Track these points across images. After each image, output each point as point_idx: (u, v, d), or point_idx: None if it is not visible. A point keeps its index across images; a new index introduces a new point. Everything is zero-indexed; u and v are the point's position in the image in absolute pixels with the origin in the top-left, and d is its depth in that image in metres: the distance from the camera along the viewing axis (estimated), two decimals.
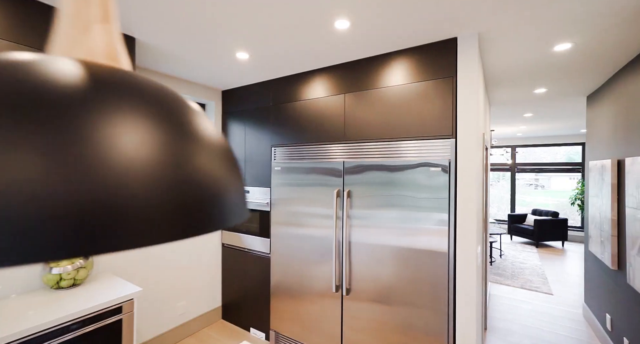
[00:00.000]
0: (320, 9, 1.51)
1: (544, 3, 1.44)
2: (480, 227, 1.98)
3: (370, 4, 1.46)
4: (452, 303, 1.77)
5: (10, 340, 1.31)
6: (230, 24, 1.67)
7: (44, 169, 0.21)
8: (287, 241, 2.47)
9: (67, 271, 1.75)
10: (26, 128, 0.21)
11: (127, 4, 1.49)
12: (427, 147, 1.86)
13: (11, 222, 0.20)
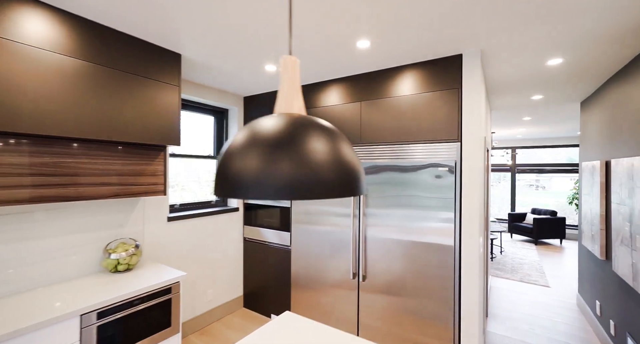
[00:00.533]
0: (345, 32, 1.78)
1: (536, 26, 1.70)
2: (482, 223, 2.24)
3: (389, 27, 1.73)
4: (458, 290, 2.03)
5: (92, 309, 1.58)
6: (264, 43, 1.94)
7: (291, 168, 0.48)
8: (306, 234, 2.73)
9: (123, 257, 2.02)
10: (280, 151, 0.48)
11: (177, 28, 1.76)
12: (435, 149, 2.12)
13: (284, 187, 0.46)
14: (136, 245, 2.13)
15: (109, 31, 1.75)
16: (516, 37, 1.82)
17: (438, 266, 2.09)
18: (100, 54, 1.72)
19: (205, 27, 1.74)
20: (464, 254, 2.02)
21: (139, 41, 1.90)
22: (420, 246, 2.15)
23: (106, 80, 1.75)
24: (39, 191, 1.58)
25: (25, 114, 1.44)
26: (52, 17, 1.54)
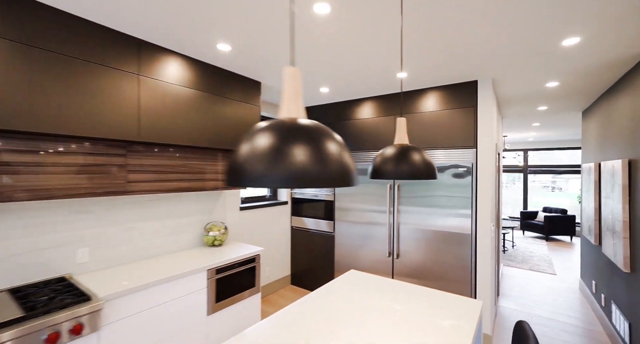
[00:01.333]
0: (387, 65, 2.40)
1: (534, 61, 2.28)
2: (494, 215, 2.82)
3: (421, 63, 2.34)
4: (474, 265, 2.61)
5: (213, 267, 2.25)
6: (322, 72, 2.58)
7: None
8: (348, 224, 3.36)
9: (217, 235, 2.70)
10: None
11: (258, 65, 2.42)
12: (455, 154, 2.71)
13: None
14: (225, 227, 2.81)
15: (214, 68, 2.44)
16: (517, 69, 2.40)
17: (457, 248, 2.68)
18: (208, 85, 2.40)
19: (279, 65, 2.40)
20: (479, 239, 2.60)
21: (234, 74, 2.58)
22: (443, 233, 2.75)
23: (211, 104, 2.43)
24: (164, 184, 2.27)
25: (162, 129, 2.13)
26: (180, 61, 2.23)
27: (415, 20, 1.66)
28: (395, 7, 1.53)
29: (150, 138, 2.04)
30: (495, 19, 1.63)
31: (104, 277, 1.94)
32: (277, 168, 0.64)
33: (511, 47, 1.98)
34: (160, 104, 2.10)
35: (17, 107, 1.49)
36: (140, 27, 1.82)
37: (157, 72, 2.07)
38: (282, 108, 0.78)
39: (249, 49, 2.11)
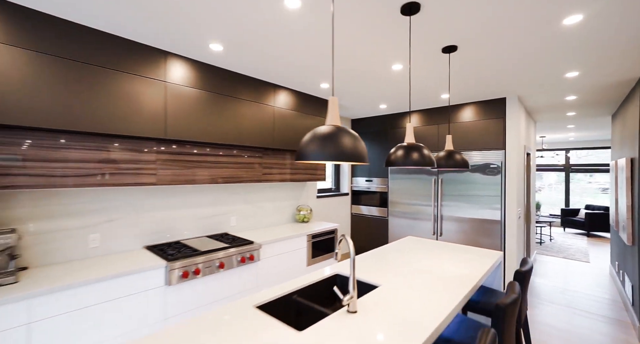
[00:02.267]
0: (436, 90, 3.27)
1: (548, 85, 3.01)
2: (520, 204, 3.54)
3: (459, 86, 3.18)
4: (503, 242, 3.37)
5: (310, 233, 3.30)
6: (383, 97, 3.51)
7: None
8: (399, 213, 4.25)
9: (305, 214, 3.75)
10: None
11: (340, 94, 3.41)
12: (487, 154, 3.49)
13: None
14: (310, 209, 3.86)
15: (299, 93, 3.49)
16: (537, 89, 3.13)
17: (489, 230, 3.45)
18: (301, 105, 3.46)
19: (350, 87, 3.37)
20: (507, 224, 3.36)
21: (295, 91, 3.62)
22: (478, 220, 3.53)
23: (300, 120, 3.48)
24: (277, 176, 3.35)
25: (281, 140, 3.21)
26: (189, 65, 3.31)
27: (458, 59, 2.54)
28: (444, 56, 2.43)
29: (280, 145, 3.14)
30: (518, 56, 2.45)
31: (249, 234, 3.07)
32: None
33: (529, 74, 2.76)
34: (176, 104, 3.19)
35: (77, 112, 2.63)
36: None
37: (168, 75, 3.16)
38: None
39: (318, 72, 3.12)
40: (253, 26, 1.87)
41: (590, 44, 2.04)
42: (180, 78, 2.36)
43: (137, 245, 2.47)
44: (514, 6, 1.58)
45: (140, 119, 2.13)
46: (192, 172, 2.56)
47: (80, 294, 1.76)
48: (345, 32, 1.93)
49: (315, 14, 1.71)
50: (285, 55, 2.36)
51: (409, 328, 1.26)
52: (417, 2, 1.57)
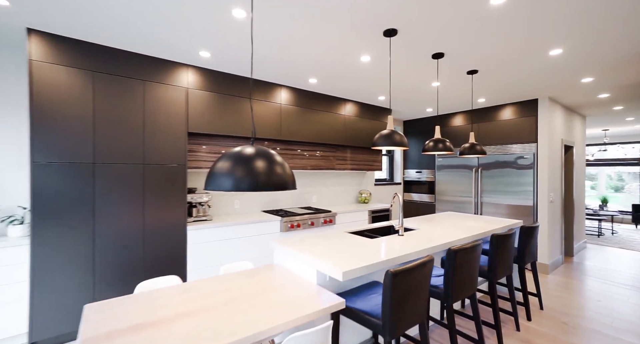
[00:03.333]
0: (469, 95, 4.06)
1: (583, 82, 3.58)
2: (553, 189, 4.09)
3: (496, 89, 3.92)
4: (535, 221, 4.00)
5: (374, 209, 4.37)
6: (432, 101, 4.39)
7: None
8: (446, 198, 5.05)
9: (366, 196, 4.83)
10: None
11: (387, 100, 4.39)
12: (522, 147, 4.13)
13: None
14: (370, 193, 4.93)
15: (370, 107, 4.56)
16: (566, 91, 3.71)
17: (523, 214, 4.09)
18: (369, 113, 4.54)
19: (401, 97, 4.33)
20: (539, 212, 3.97)
21: (359, 102, 4.67)
22: (512, 205, 4.19)
23: (365, 122, 4.56)
24: (343, 165, 4.48)
25: (351, 139, 4.33)
26: (292, 91, 4.42)
27: (480, 79, 3.36)
28: (468, 76, 3.29)
29: (348, 143, 4.28)
30: (542, 68, 3.19)
31: (326, 208, 4.27)
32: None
33: (554, 80, 3.42)
34: (272, 115, 4.33)
35: (211, 121, 3.87)
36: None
37: (271, 96, 4.30)
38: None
39: (397, 95, 4.14)
40: (339, 70, 3.02)
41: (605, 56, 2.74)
42: (286, 100, 3.65)
43: (258, 209, 3.85)
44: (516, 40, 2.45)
45: (263, 127, 3.46)
46: (292, 162, 3.84)
47: (238, 230, 3.13)
48: (398, 68, 2.96)
49: (380, 62, 2.79)
50: (355, 83, 3.48)
51: (429, 241, 2.28)
52: (442, 53, 2.55)
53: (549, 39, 2.28)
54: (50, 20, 2.06)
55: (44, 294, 2.21)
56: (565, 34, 2.21)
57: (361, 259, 1.80)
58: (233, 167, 1.27)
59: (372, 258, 1.83)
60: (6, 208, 2.48)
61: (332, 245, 2.14)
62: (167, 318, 1.30)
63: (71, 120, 2.31)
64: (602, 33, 2.18)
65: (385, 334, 1.52)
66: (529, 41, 2.33)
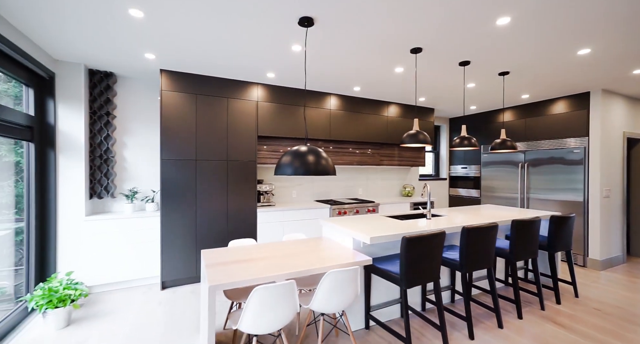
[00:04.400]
0: (513, 90, 4.15)
1: (623, 82, 3.48)
2: (609, 184, 3.94)
3: (537, 86, 3.96)
4: (586, 222, 3.93)
5: (414, 202, 4.76)
6: (474, 98, 4.57)
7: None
8: (491, 191, 5.12)
9: (409, 190, 5.19)
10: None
11: (436, 101, 4.67)
12: (572, 141, 4.07)
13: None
14: (413, 187, 5.28)
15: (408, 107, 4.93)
16: (624, 80, 3.60)
17: (573, 210, 4.03)
18: (404, 112, 4.92)
19: (442, 97, 4.59)
20: (591, 206, 3.90)
21: (399, 104, 5.00)
22: (561, 202, 4.15)
23: (403, 123, 4.93)
24: (388, 161, 4.91)
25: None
26: (339, 98, 4.83)
27: (509, 80, 3.51)
28: (500, 77, 3.48)
29: (390, 140, 4.75)
30: (574, 65, 3.26)
31: (371, 199, 4.80)
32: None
33: (596, 74, 3.40)
34: (323, 119, 4.77)
35: (275, 126, 4.44)
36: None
37: (322, 103, 4.75)
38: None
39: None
40: (378, 78, 3.54)
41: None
42: (335, 106, 4.28)
43: (311, 199, 4.57)
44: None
45: (315, 129, 4.13)
46: (340, 158, 4.46)
47: (295, 214, 3.87)
48: (428, 76, 3.35)
49: (411, 72, 3.23)
50: (393, 89, 3.94)
51: (450, 223, 2.69)
52: (468, 61, 2.88)
53: (573, 41, 2.48)
54: (174, 64, 3.03)
55: (168, 249, 3.23)
56: (588, 36, 2.39)
57: (387, 231, 2.35)
58: (292, 159, 1.95)
59: (396, 231, 2.36)
60: (144, 191, 3.62)
61: (368, 223, 2.71)
62: (251, 259, 2.04)
63: (183, 129, 3.29)
64: (623, 34, 2.31)
65: (401, 284, 2.05)
66: (550, 45, 2.55)
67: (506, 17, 2.08)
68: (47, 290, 2.39)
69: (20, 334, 2.33)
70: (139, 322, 2.53)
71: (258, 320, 1.62)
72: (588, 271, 3.83)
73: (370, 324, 2.50)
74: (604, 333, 2.37)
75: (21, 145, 2.74)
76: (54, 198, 2.94)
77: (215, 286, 1.59)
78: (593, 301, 2.94)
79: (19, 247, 2.78)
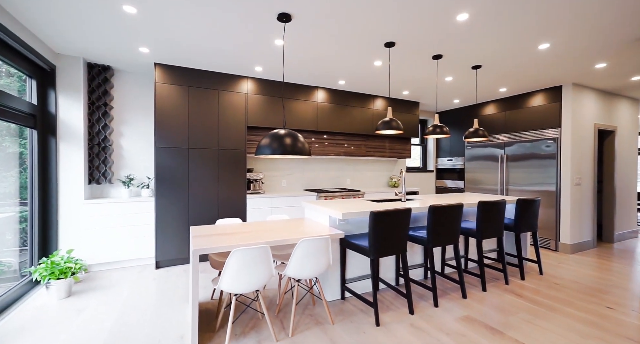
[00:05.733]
0: (490, 84, 4.37)
1: (605, 67, 3.70)
2: (580, 172, 4.17)
3: (512, 79, 4.19)
4: (558, 210, 4.16)
5: (405, 191, 4.99)
6: (456, 92, 4.79)
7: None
8: (473, 185, 5.35)
9: (395, 181, 5.42)
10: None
11: (420, 96, 4.89)
12: (546, 131, 4.30)
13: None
14: (399, 178, 5.51)
15: (398, 102, 5.15)
16: (591, 74, 3.82)
17: (546, 198, 4.26)
18: (393, 105, 5.14)
19: (426, 90, 4.80)
20: (562, 193, 4.13)
21: (385, 97, 5.22)
22: (538, 191, 4.38)
23: (398, 116, 5.15)
24: (376, 153, 5.14)
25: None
26: (325, 91, 5.05)
27: (482, 73, 3.73)
28: (472, 71, 3.70)
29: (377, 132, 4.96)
30: (538, 59, 3.48)
31: (358, 188, 5.02)
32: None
33: (564, 68, 3.62)
34: (308, 111, 4.99)
35: (263, 117, 4.67)
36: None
37: (314, 96, 4.97)
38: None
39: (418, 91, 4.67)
40: (360, 72, 3.75)
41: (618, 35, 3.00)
42: (322, 99, 4.49)
43: (300, 188, 4.79)
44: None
45: (302, 121, 4.35)
46: (327, 149, 4.69)
47: (283, 201, 4.10)
48: (405, 69, 3.57)
49: (387, 65, 3.44)
50: (378, 82, 4.15)
51: (421, 204, 2.91)
52: (440, 54, 3.10)
53: (532, 37, 2.69)
54: (167, 58, 3.24)
55: (162, 231, 3.45)
56: (546, 32, 2.61)
57: (359, 209, 2.57)
58: (271, 141, 2.17)
59: (366, 209, 2.58)
60: (140, 177, 3.84)
61: (345, 204, 2.94)
62: (234, 232, 2.27)
63: (175, 119, 3.50)
64: (583, 27, 2.53)
65: (370, 255, 2.28)
66: (513, 40, 2.77)
67: (464, 13, 2.30)
68: (49, 263, 2.61)
69: (25, 303, 2.56)
70: (133, 294, 2.76)
71: (236, 280, 1.84)
72: (559, 255, 4.06)
73: (345, 295, 2.73)
74: (556, 301, 2.61)
75: (24, 136, 2.95)
76: (55, 182, 3.16)
77: (197, 249, 1.82)
78: (555, 278, 3.17)
79: (23, 228, 3.00)
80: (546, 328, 2.17)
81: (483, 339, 2.03)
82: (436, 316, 2.36)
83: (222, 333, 2.11)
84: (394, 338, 2.05)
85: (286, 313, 2.41)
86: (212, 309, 2.47)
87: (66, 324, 2.22)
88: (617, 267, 3.56)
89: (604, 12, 2.27)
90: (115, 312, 2.41)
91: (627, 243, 4.74)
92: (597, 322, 2.27)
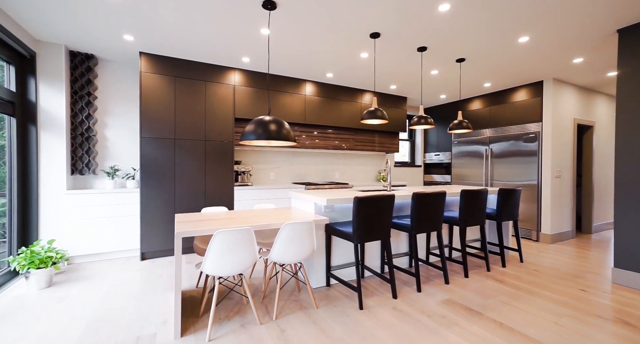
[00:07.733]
0: (475, 78, 4.47)
1: (585, 66, 3.83)
2: (560, 165, 4.31)
3: (503, 76, 4.29)
4: (539, 200, 4.29)
5: (383, 185, 5.06)
6: (442, 88, 4.88)
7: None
8: (460, 178, 5.46)
9: (384, 175, 5.49)
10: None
11: (409, 91, 4.96)
12: (528, 125, 4.42)
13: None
14: (387, 172, 5.57)
15: (386, 96, 5.21)
16: (569, 69, 3.95)
17: (529, 191, 4.39)
18: (380, 100, 5.20)
19: (413, 85, 4.88)
20: (543, 186, 4.26)
21: (373, 91, 5.29)
22: (521, 184, 4.51)
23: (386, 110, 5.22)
24: (365, 147, 5.19)
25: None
26: (314, 84, 5.10)
27: (466, 67, 3.82)
28: (457, 64, 3.78)
29: (364, 127, 5.01)
30: (520, 53, 3.58)
31: (347, 182, 5.06)
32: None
33: (546, 62, 3.74)
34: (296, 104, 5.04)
35: (250, 108, 4.70)
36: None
37: (303, 90, 5.02)
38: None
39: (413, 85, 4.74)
40: (347, 64, 3.78)
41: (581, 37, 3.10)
42: (311, 92, 4.51)
43: (289, 181, 4.80)
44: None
45: (291, 114, 4.36)
46: (316, 143, 4.71)
47: (271, 193, 4.10)
48: (391, 61, 3.62)
49: (375, 57, 3.49)
50: (366, 76, 4.20)
51: (405, 193, 2.97)
52: (425, 47, 3.16)
53: (512, 30, 2.77)
54: (153, 47, 3.21)
55: (148, 223, 3.41)
56: (525, 26, 2.69)
57: (343, 196, 2.60)
58: (256, 127, 2.18)
59: (350, 196, 2.62)
60: (125, 169, 3.78)
61: (331, 193, 2.97)
62: (219, 219, 2.27)
63: (162, 109, 3.47)
64: (560, 21, 2.62)
65: (354, 240, 2.32)
66: (494, 32, 2.85)
67: (446, 3, 2.35)
68: (29, 253, 2.56)
69: (3, 293, 2.50)
70: (117, 283, 2.73)
71: (219, 262, 1.85)
72: (540, 245, 4.19)
73: (331, 282, 2.76)
74: (534, 285, 2.70)
75: (2, 125, 2.88)
76: (35, 172, 3.09)
77: (181, 232, 1.82)
78: (535, 265, 3.27)
79: (3, 224, 2.93)
80: (523, 309, 2.24)
81: (462, 319, 2.09)
82: (419, 300, 2.41)
83: (206, 317, 2.11)
84: (376, 320, 2.09)
85: (271, 299, 2.42)
86: (197, 296, 2.46)
87: (46, 311, 2.18)
88: (593, 255, 3.69)
89: (579, 5, 2.36)
90: (98, 300, 2.38)
91: (604, 234, 4.92)
92: (571, 302, 2.36)
